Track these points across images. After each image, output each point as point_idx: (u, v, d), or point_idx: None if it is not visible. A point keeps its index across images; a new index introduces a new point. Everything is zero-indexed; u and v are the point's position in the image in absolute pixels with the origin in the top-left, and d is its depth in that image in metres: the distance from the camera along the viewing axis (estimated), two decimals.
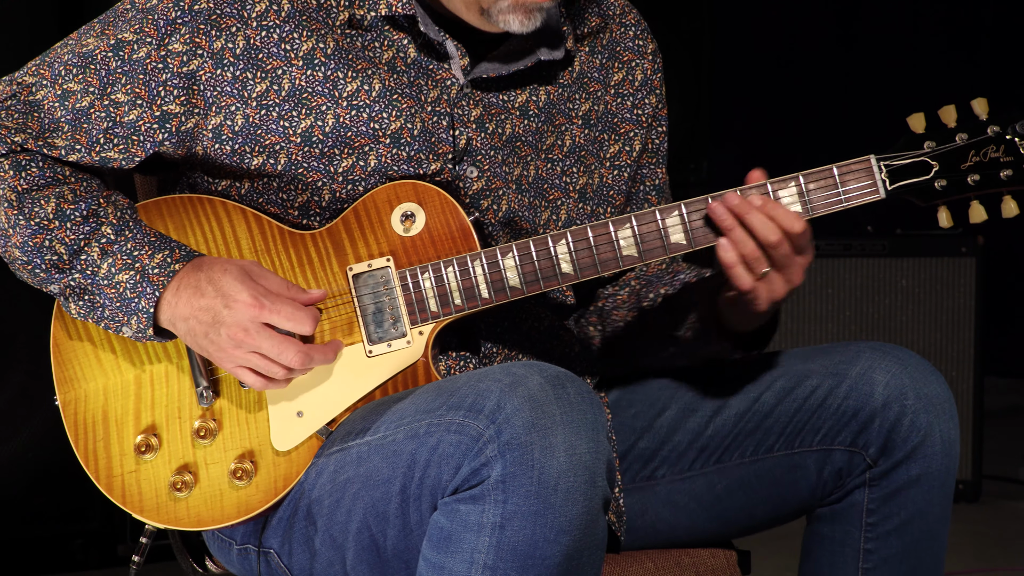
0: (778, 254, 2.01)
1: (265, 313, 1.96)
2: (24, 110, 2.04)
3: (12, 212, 2.02)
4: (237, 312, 1.96)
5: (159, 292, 1.99)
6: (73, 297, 2.03)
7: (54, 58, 2.07)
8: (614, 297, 2.27)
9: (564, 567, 1.83)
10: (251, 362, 1.98)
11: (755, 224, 2.00)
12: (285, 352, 1.97)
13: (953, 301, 4.47)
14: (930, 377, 2.11)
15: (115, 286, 2.00)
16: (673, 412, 2.21)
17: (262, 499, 2.02)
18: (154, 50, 2.04)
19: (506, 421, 1.82)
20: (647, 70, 2.26)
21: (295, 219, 2.09)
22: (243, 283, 1.98)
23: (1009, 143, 2.02)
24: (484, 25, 2.09)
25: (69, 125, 2.04)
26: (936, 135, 2.03)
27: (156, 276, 2.00)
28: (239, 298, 1.97)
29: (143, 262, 2.00)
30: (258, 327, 1.96)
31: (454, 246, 2.06)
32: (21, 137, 2.03)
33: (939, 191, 2.03)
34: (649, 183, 2.28)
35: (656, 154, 2.28)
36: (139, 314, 2.00)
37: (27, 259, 2.03)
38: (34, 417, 3.63)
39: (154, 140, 2.06)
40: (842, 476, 2.13)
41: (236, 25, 2.04)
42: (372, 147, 2.07)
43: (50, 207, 2.02)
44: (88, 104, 2.04)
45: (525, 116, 2.16)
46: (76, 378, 2.08)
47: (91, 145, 2.04)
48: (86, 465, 2.06)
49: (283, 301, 1.98)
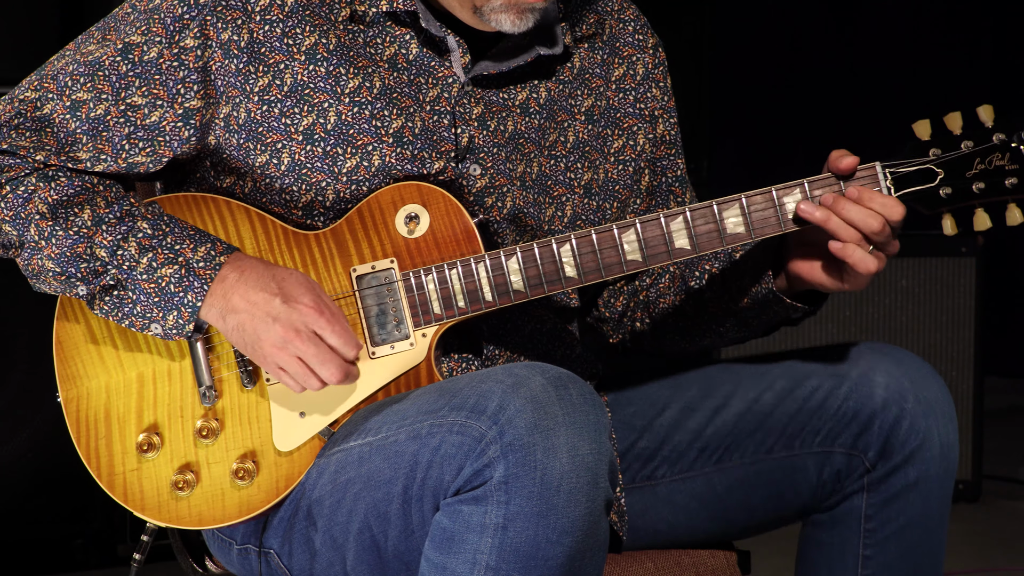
0: (881, 237, 2.01)
1: (323, 322, 1.96)
2: (35, 127, 2.03)
3: (46, 224, 2.00)
4: (296, 313, 1.96)
5: (207, 286, 1.98)
6: (100, 294, 2.01)
7: (56, 70, 2.05)
8: (655, 287, 2.26)
9: (566, 568, 1.83)
10: (291, 366, 1.97)
11: (853, 216, 2.00)
12: (328, 364, 1.96)
13: (953, 301, 4.47)
14: (930, 380, 2.11)
15: (156, 280, 1.99)
16: (673, 412, 2.22)
17: (264, 499, 2.02)
18: (166, 49, 2.03)
19: (508, 422, 1.83)
20: (648, 64, 2.26)
21: (299, 219, 2.09)
22: (307, 289, 1.98)
23: (1015, 151, 2.00)
24: (477, 24, 2.09)
25: (87, 136, 2.03)
26: (941, 142, 2.02)
27: (202, 270, 1.99)
28: (302, 301, 1.96)
29: (186, 256, 1.99)
30: (310, 333, 1.96)
31: (458, 248, 2.06)
32: (43, 155, 2.02)
33: (944, 199, 2.02)
34: (671, 174, 2.28)
35: (673, 145, 2.28)
36: (181, 308, 1.99)
37: (61, 269, 2.01)
38: (35, 417, 3.63)
39: (180, 138, 2.05)
40: (841, 479, 2.13)
41: (241, 18, 2.04)
42: (375, 146, 2.07)
43: (86, 214, 2.01)
44: (103, 111, 2.03)
45: (526, 113, 2.16)
46: (78, 375, 2.08)
47: (116, 153, 2.04)
48: (88, 463, 2.06)
49: (340, 319, 1.98)
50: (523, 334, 2.18)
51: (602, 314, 2.29)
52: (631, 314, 2.28)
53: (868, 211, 2.00)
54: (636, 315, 2.28)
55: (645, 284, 2.27)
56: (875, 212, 2.00)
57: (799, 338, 4.47)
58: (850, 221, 2.00)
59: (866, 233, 2.00)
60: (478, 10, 2.06)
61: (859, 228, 2.00)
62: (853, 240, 2.01)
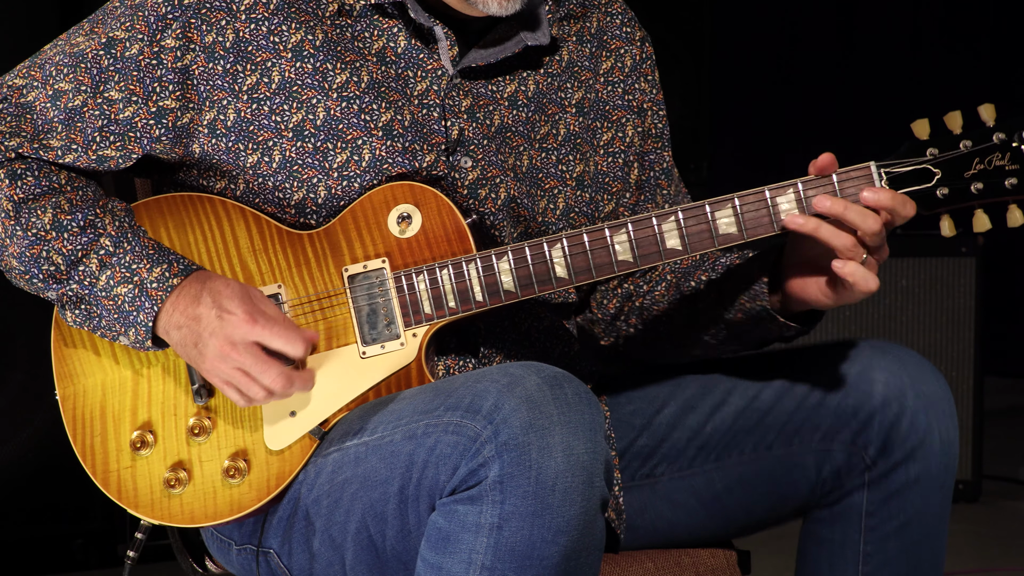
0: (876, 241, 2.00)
1: (256, 330, 1.96)
2: (16, 112, 2.04)
3: (9, 223, 2.01)
4: (228, 325, 1.96)
5: (157, 307, 1.99)
6: (70, 305, 2.03)
7: (44, 59, 2.06)
8: (651, 294, 2.25)
9: (562, 567, 1.83)
10: (234, 378, 1.97)
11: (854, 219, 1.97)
12: (267, 372, 1.96)
13: (953, 301, 4.47)
14: (930, 377, 2.11)
15: (113, 298, 2.00)
16: (672, 409, 2.21)
17: (255, 497, 2.02)
18: (146, 47, 2.04)
19: (503, 422, 1.82)
20: (636, 56, 2.26)
21: (292, 217, 2.09)
22: (241, 300, 1.97)
23: (1015, 151, 1.96)
24: (466, 8, 2.09)
25: (62, 125, 2.04)
26: (940, 142, 1.98)
27: (154, 291, 1.99)
28: (234, 312, 1.96)
29: (141, 276, 2.00)
30: (246, 344, 1.96)
31: (450, 248, 2.05)
32: (16, 141, 2.03)
33: (941, 199, 1.99)
34: (658, 168, 2.28)
35: (660, 138, 2.28)
36: (136, 327, 2.00)
37: (24, 269, 2.02)
38: (34, 417, 3.63)
39: (151, 136, 2.06)
40: (841, 476, 2.13)
41: (226, 18, 2.04)
42: (365, 140, 2.07)
43: (47, 217, 2.01)
44: (81, 103, 2.04)
45: (514, 106, 2.15)
46: (75, 373, 2.08)
47: (87, 144, 2.04)
48: (83, 460, 2.07)
49: (277, 321, 1.97)
50: (520, 331, 2.18)
51: (595, 315, 2.29)
52: (624, 318, 2.27)
53: (866, 211, 1.98)
54: (630, 320, 2.27)
55: (642, 291, 2.26)
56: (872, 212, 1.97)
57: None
58: (849, 222, 1.98)
59: (864, 234, 1.98)
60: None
61: (858, 228, 1.98)
62: (846, 246, 1.98)
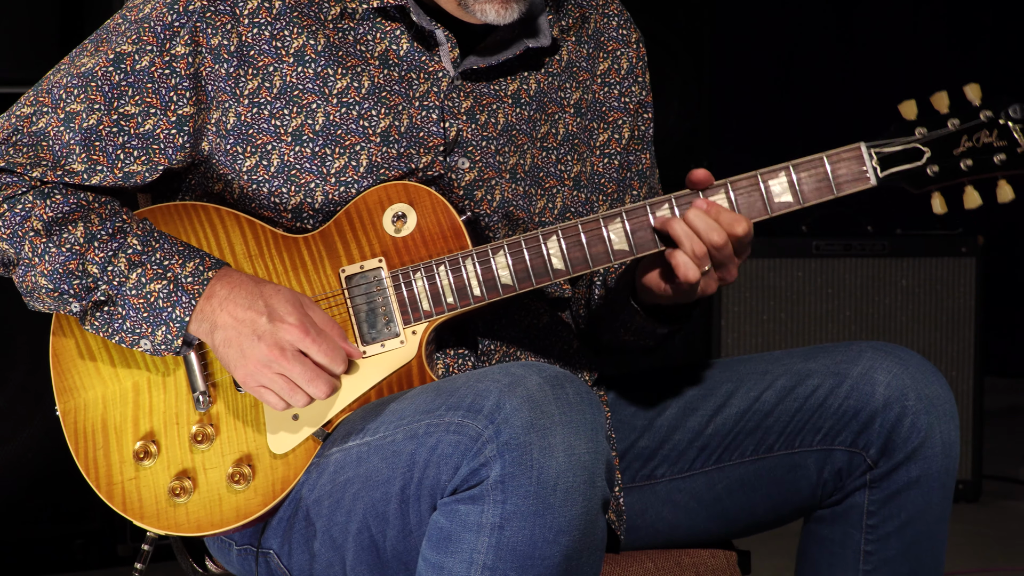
0: (721, 255, 2.01)
1: (308, 341, 1.96)
2: (31, 142, 2.03)
3: (40, 241, 2.01)
4: (280, 331, 1.96)
5: (195, 301, 1.99)
6: (92, 310, 2.02)
7: (51, 84, 2.05)
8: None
9: (563, 567, 1.83)
10: (275, 383, 1.97)
11: (699, 227, 2.00)
12: (315, 382, 1.96)
13: (953, 301, 4.47)
14: (931, 378, 2.11)
15: (145, 296, 1.99)
16: (673, 411, 2.22)
17: (260, 502, 2.02)
18: (157, 57, 2.04)
19: (505, 421, 1.82)
20: (632, 58, 2.27)
21: (288, 222, 2.09)
22: (294, 307, 1.97)
23: (1003, 128, 2.00)
24: (463, 15, 2.09)
25: (80, 146, 2.03)
26: (928, 121, 2.02)
27: (190, 285, 1.99)
28: (287, 319, 1.96)
29: (175, 271, 2.00)
30: (295, 352, 1.96)
31: (446, 245, 2.06)
32: (39, 171, 2.03)
33: (931, 177, 2.02)
34: (635, 168, 2.29)
35: (641, 140, 2.29)
36: (170, 323, 1.99)
37: (54, 286, 2.01)
38: (34, 417, 3.63)
39: (175, 145, 2.06)
40: (842, 477, 2.13)
41: (230, 23, 2.04)
42: (363, 146, 2.07)
43: (79, 231, 2.01)
44: (96, 121, 2.03)
45: (518, 104, 2.16)
46: (75, 387, 2.07)
47: (111, 163, 2.04)
48: (87, 474, 2.06)
49: (326, 336, 1.98)
50: (519, 328, 2.18)
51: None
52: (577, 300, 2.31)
53: (713, 223, 2.00)
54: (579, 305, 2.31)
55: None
56: (719, 226, 1.99)
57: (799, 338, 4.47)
58: (695, 230, 2.00)
59: (707, 245, 1.99)
60: (463, 1, 2.07)
61: (702, 238, 1.99)
62: (694, 252, 1.99)
